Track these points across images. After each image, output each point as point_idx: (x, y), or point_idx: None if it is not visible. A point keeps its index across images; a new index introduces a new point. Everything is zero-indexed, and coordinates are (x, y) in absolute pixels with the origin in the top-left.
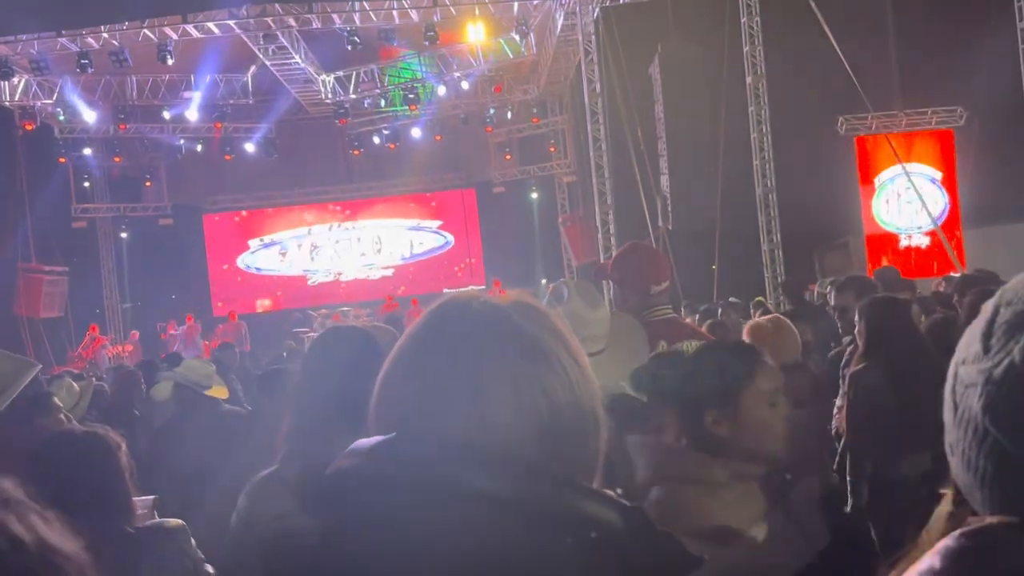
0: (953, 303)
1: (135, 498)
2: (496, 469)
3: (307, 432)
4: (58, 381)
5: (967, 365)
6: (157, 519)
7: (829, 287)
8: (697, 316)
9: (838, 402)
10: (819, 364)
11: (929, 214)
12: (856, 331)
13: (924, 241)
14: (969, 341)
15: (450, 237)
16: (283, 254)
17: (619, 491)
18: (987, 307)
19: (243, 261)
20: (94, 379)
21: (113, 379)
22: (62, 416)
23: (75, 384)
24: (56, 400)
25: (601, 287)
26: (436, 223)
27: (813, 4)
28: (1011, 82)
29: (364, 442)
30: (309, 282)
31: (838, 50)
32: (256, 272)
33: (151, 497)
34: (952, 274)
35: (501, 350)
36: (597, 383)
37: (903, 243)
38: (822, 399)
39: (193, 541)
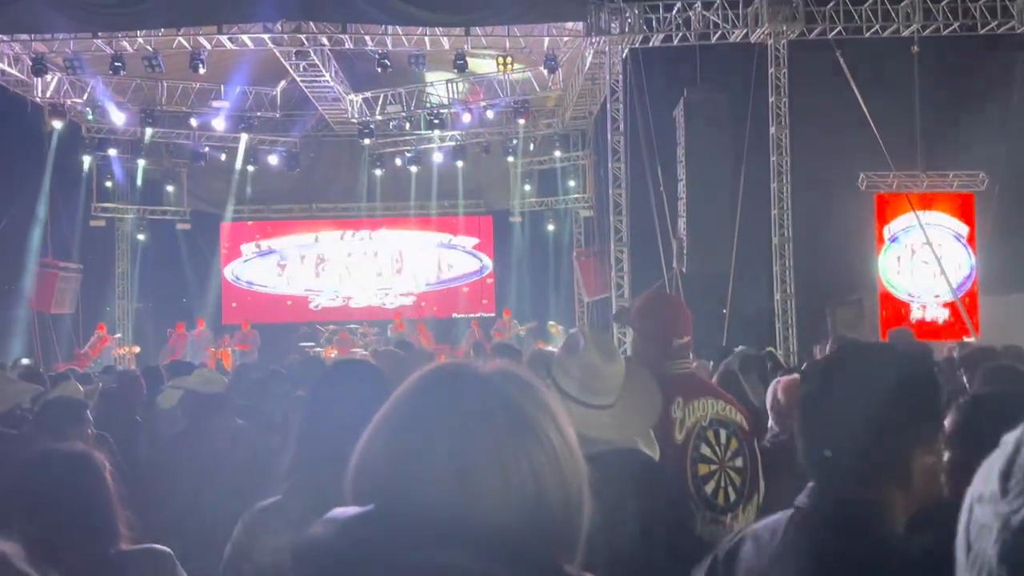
0: (958, 375)
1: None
2: (479, 551)
3: (313, 466)
4: (64, 383)
5: (983, 504)
6: (146, 544)
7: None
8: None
9: None
10: None
11: (948, 281)
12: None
13: (941, 314)
14: (987, 477)
15: (487, 261)
16: (281, 266)
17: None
18: (1008, 442)
19: (231, 271)
20: (100, 383)
21: (116, 383)
22: (93, 429)
23: (80, 386)
24: (89, 413)
25: (611, 333)
26: (472, 240)
27: (841, 59)
28: None
29: (341, 512)
30: (311, 305)
31: (863, 106)
32: (246, 287)
33: None
34: (967, 339)
35: (489, 427)
36: (582, 461)
37: (915, 314)
38: None
39: (179, 567)
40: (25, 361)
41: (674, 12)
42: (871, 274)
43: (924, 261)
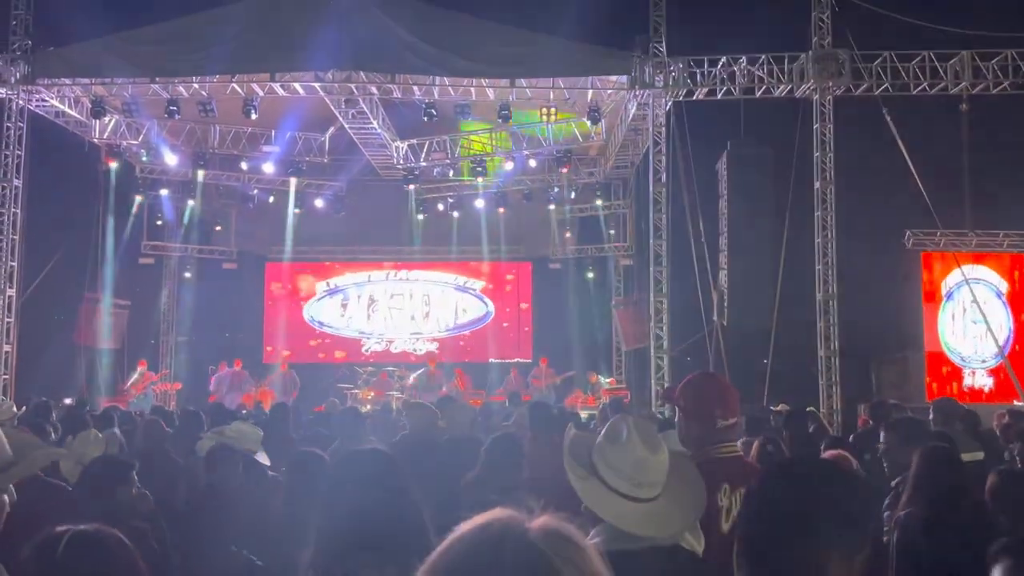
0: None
1: None
2: None
3: (331, 557)
4: (84, 434)
5: None
6: None
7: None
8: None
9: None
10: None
11: (995, 340)
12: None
13: (988, 382)
14: None
15: (491, 306)
16: (344, 305)
17: None
18: None
19: (309, 312)
20: (116, 430)
21: (142, 431)
22: (137, 487)
23: (100, 435)
24: (134, 473)
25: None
26: (479, 284)
27: (887, 116)
28: None
29: None
30: (364, 349)
31: (909, 163)
32: (318, 327)
33: None
34: (1017, 403)
35: None
36: None
37: (967, 381)
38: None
39: None
40: (68, 401)
41: (719, 67)
42: (917, 332)
43: (973, 321)
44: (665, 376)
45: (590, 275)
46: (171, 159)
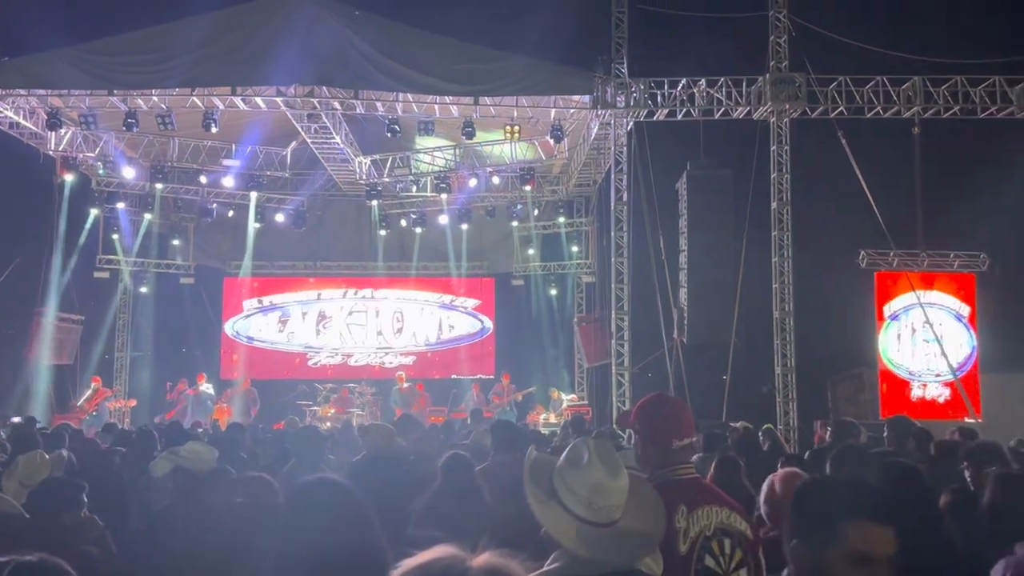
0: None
1: None
2: None
3: None
4: (30, 453)
5: None
6: None
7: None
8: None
9: None
10: None
11: (949, 363)
12: None
13: (943, 393)
14: None
15: (488, 322)
16: (283, 322)
17: None
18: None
19: (232, 327)
20: (64, 451)
21: (89, 459)
22: (86, 511)
23: (46, 456)
24: (84, 496)
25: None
26: (473, 302)
27: (842, 139)
28: None
29: None
30: (310, 362)
31: (863, 184)
32: (246, 342)
33: None
34: (967, 421)
35: None
36: None
37: (915, 392)
38: None
39: None
40: (16, 419)
41: (679, 88)
42: (871, 349)
43: (925, 340)
44: (626, 392)
45: (553, 292)
46: (128, 172)
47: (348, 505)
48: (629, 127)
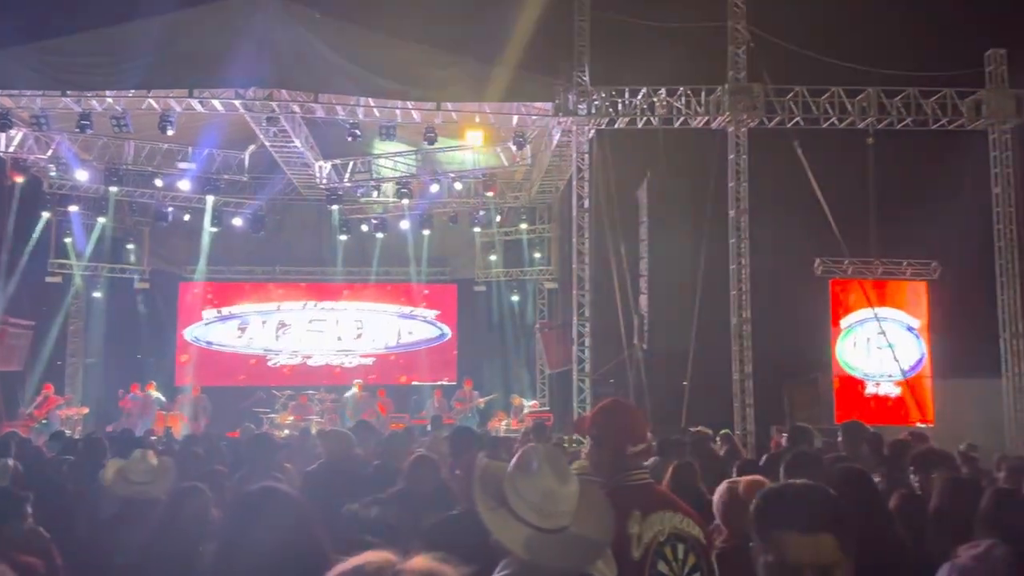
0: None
1: None
2: None
3: None
4: None
5: None
6: None
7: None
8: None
9: None
10: None
11: (899, 366)
12: None
13: (894, 391)
14: None
15: (447, 329)
16: (242, 329)
17: None
18: None
19: (192, 333)
20: (10, 460)
21: (36, 468)
22: (31, 522)
23: None
24: (28, 507)
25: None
26: (432, 312)
27: (798, 148)
28: (984, 241)
29: None
30: (269, 363)
31: (819, 193)
32: (206, 347)
33: None
34: (920, 426)
35: None
36: None
37: (870, 389)
38: None
39: None
40: None
41: (639, 97)
42: (826, 355)
43: (879, 347)
44: (587, 398)
45: (515, 298)
46: (82, 175)
47: (291, 514)
48: (591, 134)
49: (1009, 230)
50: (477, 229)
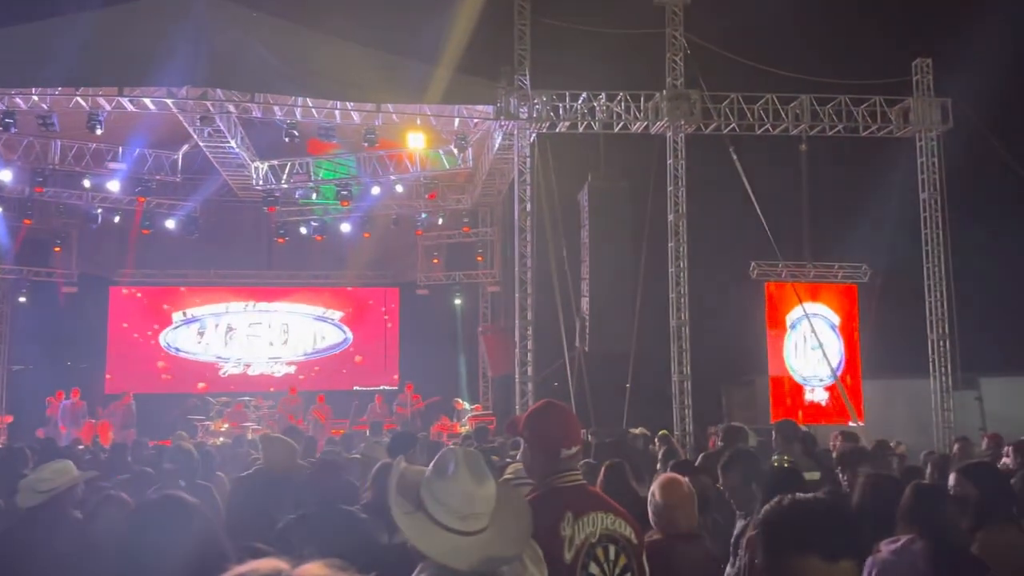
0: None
1: None
2: None
3: None
4: None
5: None
6: None
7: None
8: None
9: (729, 570)
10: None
11: (829, 364)
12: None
13: (823, 396)
14: None
15: (349, 333)
16: (201, 334)
17: None
18: None
19: (165, 339)
20: None
21: None
22: None
23: None
24: None
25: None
26: (338, 314)
27: (733, 154)
28: (912, 246)
29: None
30: (221, 372)
31: (753, 199)
32: (175, 353)
33: None
34: (850, 425)
35: None
36: None
37: (807, 396)
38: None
39: None
40: None
41: (580, 102)
42: (762, 358)
43: (812, 348)
44: (530, 401)
45: (457, 301)
46: (5, 175)
47: (189, 522)
48: (532, 138)
49: (936, 234)
50: (419, 232)
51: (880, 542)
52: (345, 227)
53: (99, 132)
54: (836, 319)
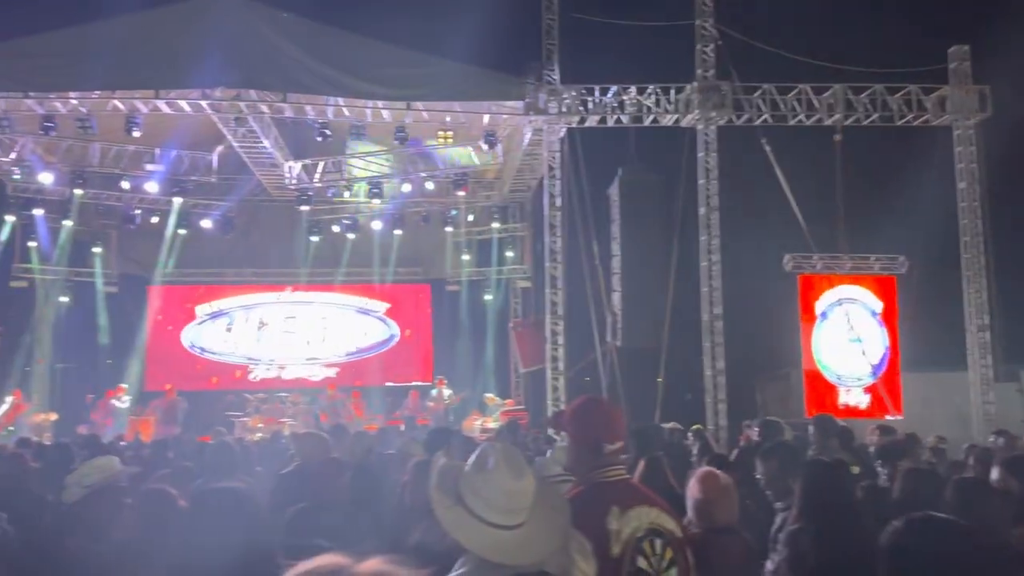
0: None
1: None
2: None
3: None
4: None
5: None
6: None
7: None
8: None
9: (769, 565)
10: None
11: (870, 363)
12: (795, 495)
13: (864, 400)
14: None
15: (395, 329)
16: (229, 330)
17: None
18: None
19: (187, 337)
20: None
21: (2, 466)
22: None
23: None
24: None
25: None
26: (384, 306)
27: (766, 146)
28: (951, 236)
29: None
30: (251, 376)
31: (787, 190)
32: (199, 353)
33: None
34: (888, 419)
35: None
36: None
37: (842, 398)
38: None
39: None
40: None
41: (609, 95)
42: (796, 351)
43: (850, 340)
44: (561, 396)
45: (488, 297)
46: (46, 177)
47: (243, 511)
48: (562, 133)
49: (974, 224)
50: (449, 229)
51: None
52: (376, 224)
53: (136, 134)
54: (878, 305)
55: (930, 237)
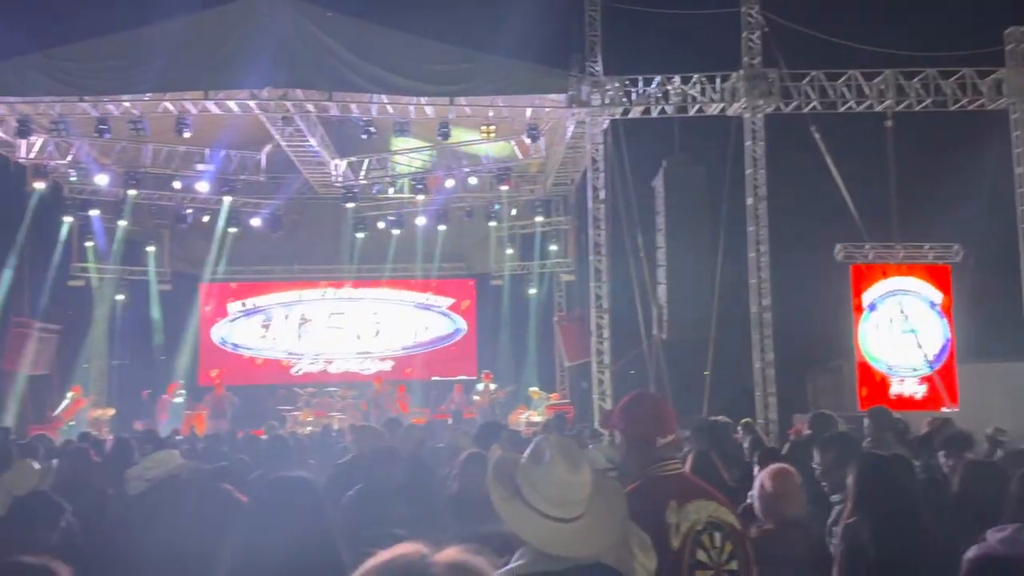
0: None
1: None
2: None
3: None
4: (20, 464)
5: None
6: None
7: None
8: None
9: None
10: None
11: (925, 355)
12: (848, 487)
13: (919, 390)
14: None
15: (461, 323)
16: (266, 327)
17: None
18: None
19: (218, 333)
20: (55, 461)
21: (67, 460)
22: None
23: (37, 465)
24: (63, 518)
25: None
26: (447, 301)
27: (815, 133)
28: (1007, 224)
29: None
30: (293, 371)
31: (838, 179)
32: (232, 350)
33: None
34: (944, 411)
35: None
36: None
37: (894, 388)
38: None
39: None
40: None
41: (653, 85)
42: (848, 343)
43: (903, 332)
44: (607, 390)
45: (532, 291)
46: (101, 179)
47: (308, 499)
48: (605, 125)
49: None
50: (492, 223)
51: (986, 531)
52: (420, 220)
53: (187, 135)
54: (938, 296)
55: (985, 225)
